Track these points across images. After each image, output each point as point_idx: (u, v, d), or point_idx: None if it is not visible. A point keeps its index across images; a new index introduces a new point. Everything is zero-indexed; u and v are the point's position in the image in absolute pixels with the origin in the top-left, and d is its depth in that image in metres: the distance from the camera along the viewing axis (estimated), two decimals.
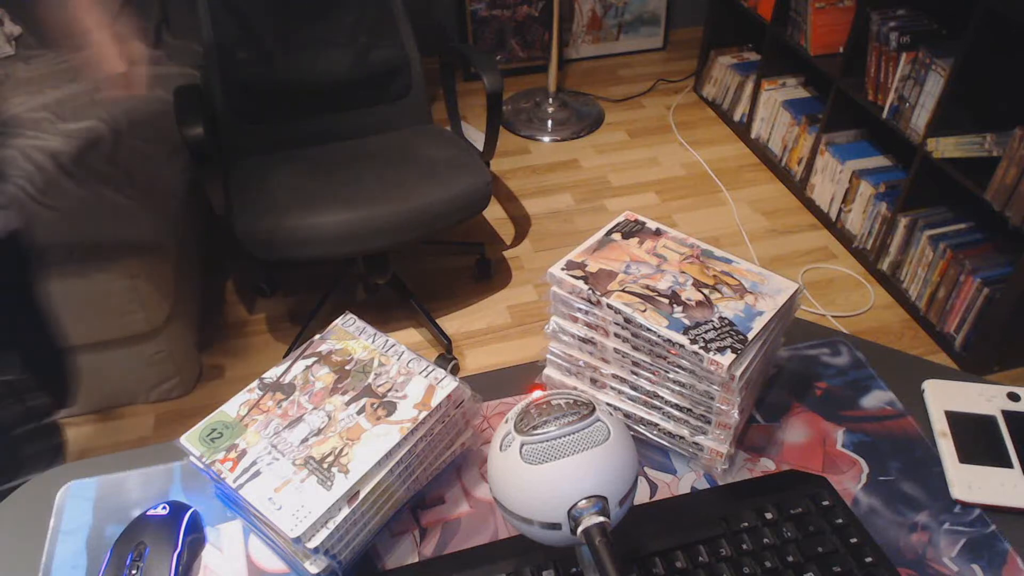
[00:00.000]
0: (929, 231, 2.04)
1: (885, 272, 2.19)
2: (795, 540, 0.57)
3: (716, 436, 0.62)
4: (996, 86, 1.83)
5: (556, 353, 0.68)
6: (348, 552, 0.56)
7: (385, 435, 0.56)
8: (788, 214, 2.49)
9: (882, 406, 0.71)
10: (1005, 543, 0.60)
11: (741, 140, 2.83)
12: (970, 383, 0.71)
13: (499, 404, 0.71)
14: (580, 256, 0.66)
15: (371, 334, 0.65)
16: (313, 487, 0.53)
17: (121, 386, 1.82)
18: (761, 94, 2.68)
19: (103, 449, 1.74)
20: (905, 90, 2.03)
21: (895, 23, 2.08)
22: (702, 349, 0.57)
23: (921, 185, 2.04)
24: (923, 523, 0.61)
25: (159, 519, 0.59)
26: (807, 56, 2.40)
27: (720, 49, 2.97)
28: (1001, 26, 1.71)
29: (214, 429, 0.58)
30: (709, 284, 0.63)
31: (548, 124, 2.89)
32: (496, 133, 1.84)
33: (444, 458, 0.63)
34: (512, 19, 3.09)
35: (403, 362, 0.62)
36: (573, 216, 2.46)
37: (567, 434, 0.46)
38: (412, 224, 1.68)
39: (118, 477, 0.66)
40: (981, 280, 1.88)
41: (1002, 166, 1.73)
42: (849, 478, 0.65)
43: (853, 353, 0.76)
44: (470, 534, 0.61)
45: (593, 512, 0.45)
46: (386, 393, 0.59)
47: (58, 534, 0.61)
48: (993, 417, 0.68)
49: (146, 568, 0.55)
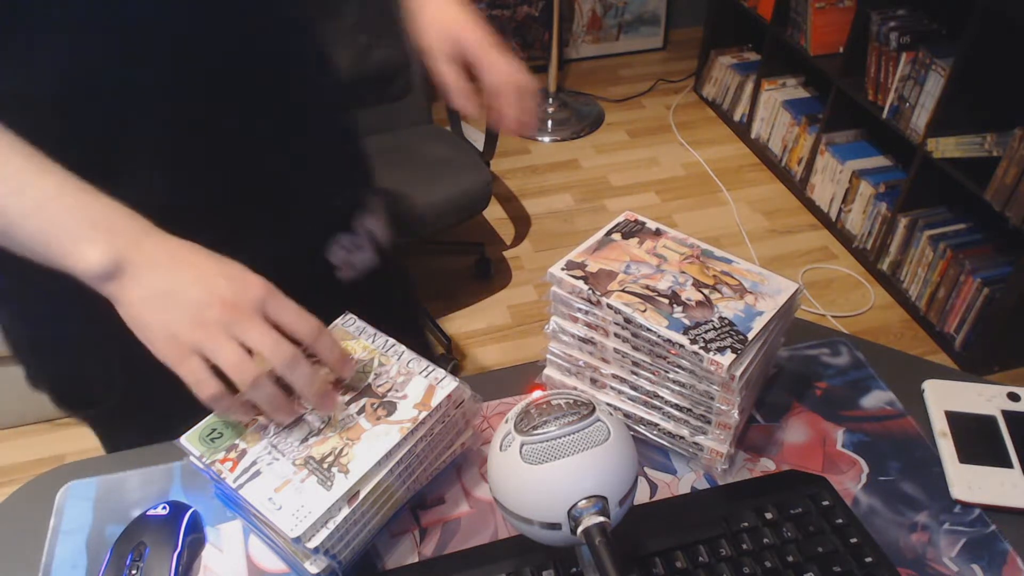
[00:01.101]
0: (929, 231, 2.04)
1: (885, 272, 2.19)
2: (795, 540, 0.57)
3: (716, 436, 0.62)
4: (996, 86, 1.83)
5: (556, 353, 0.68)
6: (348, 552, 0.56)
7: (385, 435, 0.56)
8: (788, 214, 2.49)
9: (882, 406, 0.71)
10: (1005, 543, 0.60)
11: (741, 140, 2.83)
12: (970, 383, 0.71)
13: (499, 404, 0.71)
14: (580, 256, 0.66)
15: (371, 334, 0.65)
16: (313, 487, 0.53)
17: None
18: (761, 94, 2.68)
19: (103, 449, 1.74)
20: (905, 90, 2.03)
21: (895, 23, 2.08)
22: (702, 349, 0.57)
23: (921, 185, 2.04)
24: (923, 523, 0.61)
25: (159, 519, 0.59)
26: (807, 56, 2.40)
27: (720, 49, 2.97)
28: (1001, 26, 1.71)
29: (214, 429, 0.58)
30: (709, 284, 0.63)
31: (548, 124, 2.89)
32: (496, 133, 1.85)
33: (444, 458, 0.63)
34: (512, 19, 3.09)
35: (403, 362, 0.62)
36: (573, 216, 2.46)
37: (567, 434, 0.46)
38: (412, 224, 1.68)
39: (118, 477, 0.66)
40: (981, 280, 1.88)
41: (1002, 166, 1.73)
42: (849, 478, 0.65)
43: (853, 353, 0.76)
44: (470, 534, 0.61)
45: (593, 512, 0.45)
46: (386, 393, 0.59)
47: (58, 534, 0.61)
48: (993, 417, 0.68)
49: (146, 568, 0.55)
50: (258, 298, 0.52)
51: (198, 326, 0.51)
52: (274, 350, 0.51)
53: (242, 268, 0.54)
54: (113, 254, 0.51)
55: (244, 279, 0.53)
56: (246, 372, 0.51)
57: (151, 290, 0.52)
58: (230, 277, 0.53)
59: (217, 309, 0.51)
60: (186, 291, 0.52)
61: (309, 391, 0.54)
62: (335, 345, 0.56)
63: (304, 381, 0.53)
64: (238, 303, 0.51)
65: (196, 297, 0.51)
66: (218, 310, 0.51)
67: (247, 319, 0.51)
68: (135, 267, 0.52)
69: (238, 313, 0.51)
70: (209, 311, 0.51)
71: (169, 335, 0.51)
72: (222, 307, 0.51)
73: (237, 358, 0.51)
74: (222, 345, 0.51)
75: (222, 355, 0.51)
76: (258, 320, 0.52)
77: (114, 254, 0.51)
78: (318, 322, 0.55)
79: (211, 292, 0.51)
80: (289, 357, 0.52)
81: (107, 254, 0.51)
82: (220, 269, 0.53)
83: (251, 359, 0.51)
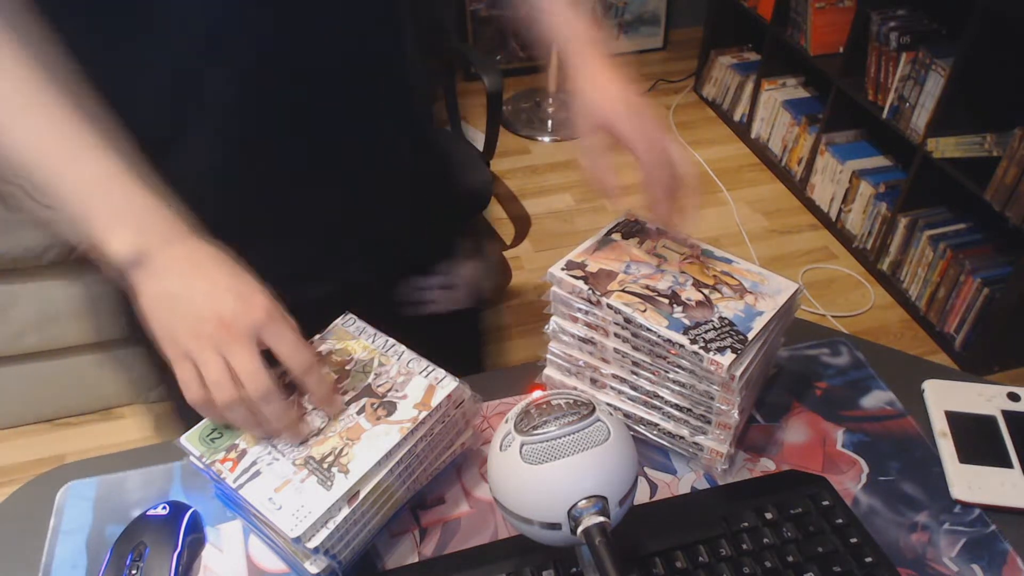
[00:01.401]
0: (929, 231, 2.04)
1: (885, 272, 2.19)
2: (795, 540, 0.57)
3: (716, 436, 0.62)
4: (996, 86, 1.83)
5: (556, 353, 0.68)
6: (348, 552, 0.56)
7: (385, 435, 0.56)
8: (788, 214, 2.49)
9: (882, 406, 0.71)
10: (1005, 543, 0.60)
11: (741, 140, 2.83)
12: (970, 383, 0.71)
13: (499, 404, 0.71)
14: (580, 256, 0.66)
15: (371, 334, 0.65)
16: (313, 487, 0.53)
17: (121, 386, 1.82)
18: (761, 94, 2.68)
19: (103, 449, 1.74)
20: (905, 90, 2.03)
21: (895, 23, 2.08)
22: (702, 349, 0.57)
23: (921, 185, 2.04)
24: (923, 523, 0.61)
25: (159, 519, 0.59)
26: (807, 56, 2.40)
27: (720, 49, 2.97)
28: (1001, 26, 1.71)
29: (214, 429, 0.58)
30: (709, 284, 0.63)
31: (548, 124, 2.89)
32: (496, 133, 1.84)
33: (444, 458, 0.63)
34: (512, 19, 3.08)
35: (403, 362, 0.62)
36: (573, 216, 2.46)
37: (567, 434, 0.46)
38: None
39: (118, 477, 0.66)
40: (981, 280, 1.88)
41: (1002, 166, 1.73)
42: (849, 478, 0.65)
43: (853, 353, 0.76)
44: (470, 534, 0.61)
45: (593, 512, 0.45)
46: (386, 393, 0.59)
47: (58, 534, 0.61)
48: (993, 417, 0.68)
49: (146, 568, 0.55)
50: (255, 322, 0.53)
51: (193, 336, 0.53)
52: (250, 379, 0.52)
53: (254, 288, 0.55)
54: (138, 248, 0.54)
55: (250, 300, 0.54)
56: (223, 391, 0.53)
57: (163, 290, 0.54)
58: (238, 296, 0.54)
59: (212, 325, 0.52)
60: (192, 300, 0.53)
61: (277, 426, 0.55)
62: (322, 382, 0.56)
63: (273, 416, 0.54)
64: (234, 324, 0.53)
65: (198, 308, 0.53)
66: (213, 326, 0.52)
67: (236, 342, 0.52)
68: (156, 265, 0.54)
69: (230, 334, 0.52)
70: (206, 325, 0.52)
71: (169, 335, 0.54)
72: (218, 324, 0.52)
73: (218, 376, 0.52)
74: (209, 359, 0.52)
75: (207, 369, 0.53)
76: (247, 345, 0.53)
77: (139, 248, 0.54)
78: (311, 356, 0.55)
79: (214, 307, 0.53)
80: (262, 391, 0.53)
81: (133, 246, 0.53)
82: (232, 285, 0.54)
83: (231, 379, 0.52)
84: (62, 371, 1.74)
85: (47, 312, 1.62)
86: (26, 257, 1.52)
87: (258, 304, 0.54)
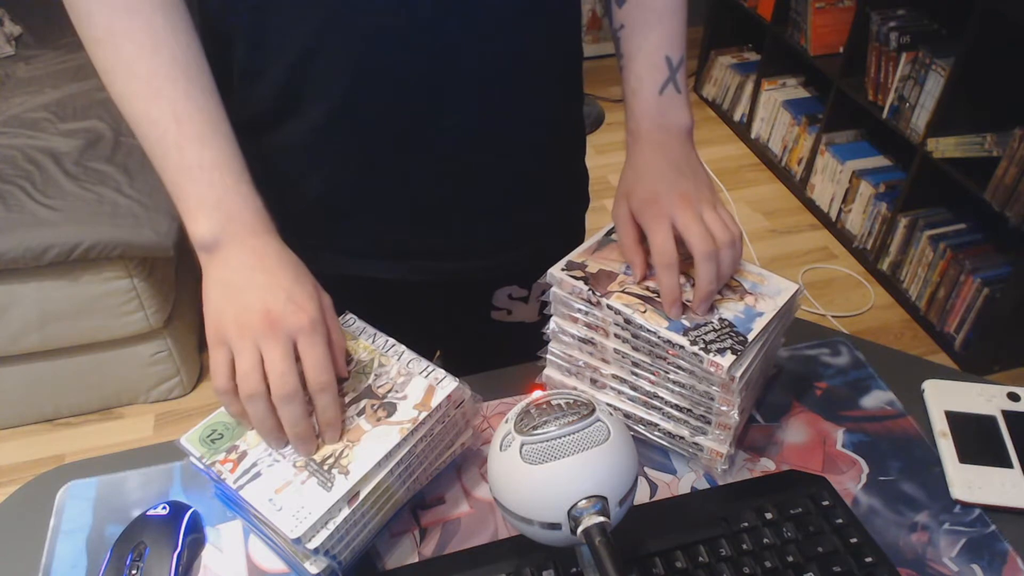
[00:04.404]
0: (929, 231, 2.04)
1: (885, 272, 2.19)
2: (795, 540, 0.57)
3: (716, 436, 0.62)
4: (996, 86, 1.83)
5: (556, 353, 0.68)
6: (348, 552, 0.56)
7: (385, 436, 0.56)
8: (788, 214, 2.49)
9: (882, 406, 0.71)
10: (1005, 543, 0.60)
11: (741, 140, 2.83)
12: (970, 383, 0.71)
13: (499, 404, 0.71)
14: (580, 256, 0.66)
15: (371, 334, 0.65)
16: (313, 488, 0.53)
17: (121, 386, 1.82)
18: (761, 94, 2.68)
19: (103, 449, 1.74)
20: (905, 90, 2.03)
21: (895, 23, 2.08)
22: (702, 350, 0.57)
23: (921, 185, 2.04)
24: (923, 523, 0.61)
25: (159, 519, 0.59)
26: (807, 56, 2.40)
27: (720, 49, 2.97)
28: (1001, 26, 1.71)
29: (214, 430, 0.58)
30: None
31: None
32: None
33: (444, 458, 0.63)
34: None
35: (403, 362, 0.62)
36: None
37: (567, 434, 0.46)
38: None
39: (118, 477, 0.66)
40: (981, 280, 1.88)
41: (1002, 166, 1.73)
42: (849, 478, 0.65)
43: (853, 353, 0.76)
44: (470, 534, 0.61)
45: (593, 512, 0.45)
46: (386, 394, 0.59)
47: (58, 534, 0.61)
48: (993, 417, 0.68)
49: (146, 568, 0.55)
50: (297, 325, 0.55)
51: (236, 324, 0.55)
52: (278, 377, 0.53)
53: (309, 295, 0.57)
54: (215, 235, 0.57)
55: (300, 304, 0.56)
56: (249, 383, 0.54)
57: (224, 277, 0.57)
58: (290, 297, 0.56)
59: (258, 317, 0.54)
60: (246, 292, 0.56)
61: (290, 430, 0.55)
62: (333, 406, 0.56)
63: (289, 420, 0.54)
64: (277, 321, 0.54)
65: (249, 299, 0.55)
66: (258, 318, 0.54)
67: (274, 338, 0.54)
68: (226, 253, 0.57)
69: (271, 329, 0.54)
70: (252, 316, 0.54)
71: (216, 320, 0.56)
72: (263, 317, 0.54)
73: (249, 367, 0.54)
74: (245, 348, 0.54)
75: (240, 358, 0.54)
76: (283, 345, 0.54)
77: (216, 235, 0.57)
78: (332, 378, 0.56)
79: (264, 301, 0.55)
80: (287, 391, 0.53)
81: (211, 233, 0.57)
82: (288, 287, 0.56)
83: (260, 373, 0.54)
84: (62, 371, 1.74)
85: (47, 312, 1.62)
86: (26, 257, 1.52)
87: (307, 309, 0.55)
